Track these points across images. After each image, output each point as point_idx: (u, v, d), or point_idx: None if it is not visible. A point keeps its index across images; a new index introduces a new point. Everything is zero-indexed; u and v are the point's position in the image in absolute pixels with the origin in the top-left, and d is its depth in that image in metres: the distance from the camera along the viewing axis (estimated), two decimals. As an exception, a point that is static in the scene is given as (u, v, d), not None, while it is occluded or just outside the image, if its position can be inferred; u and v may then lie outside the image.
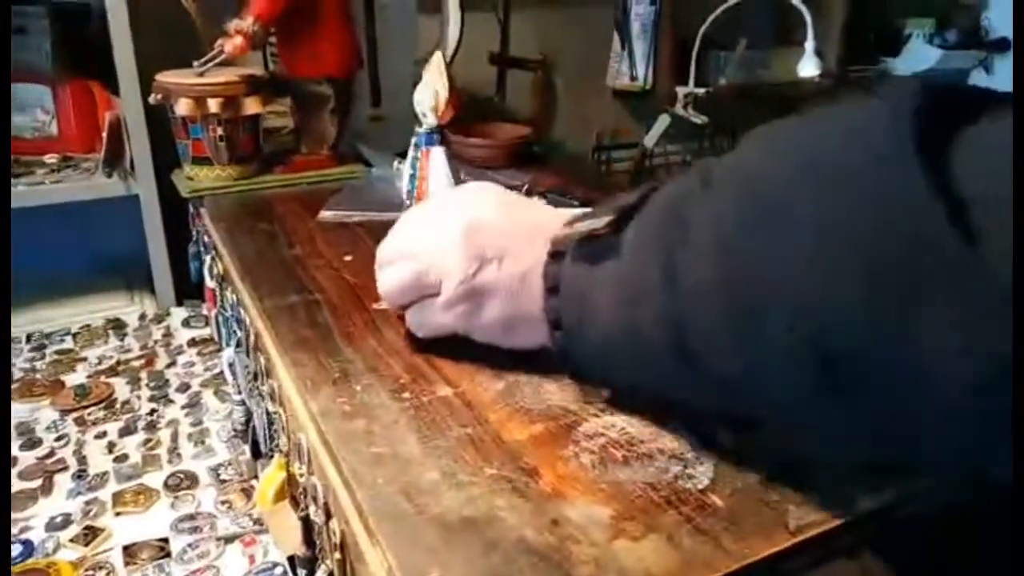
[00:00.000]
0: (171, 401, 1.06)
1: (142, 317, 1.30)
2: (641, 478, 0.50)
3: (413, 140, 0.92)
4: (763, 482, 0.49)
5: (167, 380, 1.11)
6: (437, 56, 0.89)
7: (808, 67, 1.73)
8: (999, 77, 2.33)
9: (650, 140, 2.03)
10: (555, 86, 2.06)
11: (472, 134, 1.36)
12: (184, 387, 1.09)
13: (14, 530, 0.80)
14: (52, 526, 0.81)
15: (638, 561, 0.43)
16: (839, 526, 0.45)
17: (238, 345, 0.86)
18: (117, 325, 1.27)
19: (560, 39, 2.01)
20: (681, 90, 1.95)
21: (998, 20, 2.33)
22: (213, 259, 1.00)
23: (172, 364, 1.15)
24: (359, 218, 1.02)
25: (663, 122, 1.98)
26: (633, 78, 2.00)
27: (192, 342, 1.22)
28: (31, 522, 0.82)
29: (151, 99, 1.14)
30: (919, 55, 2.29)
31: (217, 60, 1.12)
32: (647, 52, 1.96)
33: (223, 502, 0.85)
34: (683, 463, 0.51)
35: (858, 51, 2.24)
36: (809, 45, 1.72)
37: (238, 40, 1.10)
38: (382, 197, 1.08)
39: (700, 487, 0.49)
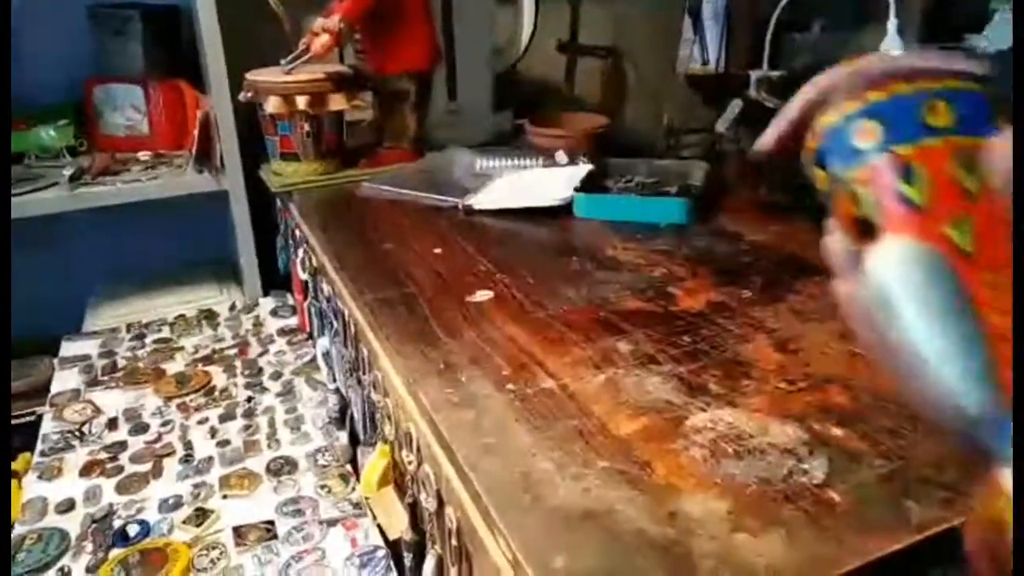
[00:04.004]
0: (266, 388, 1.10)
1: (232, 308, 1.36)
2: (755, 472, 0.50)
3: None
4: (880, 478, 0.49)
5: (260, 368, 1.15)
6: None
7: (891, 47, 1.67)
8: (1094, 51, 2.20)
9: (722, 125, 2.00)
10: (625, 73, 2.05)
11: (547, 124, 1.37)
12: (277, 375, 1.13)
13: (131, 511, 0.85)
14: (165, 507, 0.86)
15: (760, 556, 0.43)
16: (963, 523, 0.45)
17: (335, 335, 0.89)
18: (209, 315, 1.33)
19: (629, 26, 1.99)
20: (754, 74, 1.90)
21: (1093, -9, 2.21)
22: (306, 252, 1.03)
23: (264, 352, 1.20)
24: (394, 196, 1.09)
25: (735, 107, 1.94)
26: (705, 63, 1.96)
27: (281, 331, 1.26)
28: (145, 503, 0.87)
29: (241, 97, 1.18)
30: (1005, 32, 2.18)
31: (304, 59, 1.15)
32: (719, 36, 1.92)
33: (322, 486, 0.88)
34: (796, 457, 0.51)
35: (942, 28, 2.14)
36: (892, 24, 1.66)
37: (325, 39, 1.12)
38: (431, 180, 1.12)
39: (816, 482, 0.49)
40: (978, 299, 0.23)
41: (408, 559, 0.67)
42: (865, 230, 0.26)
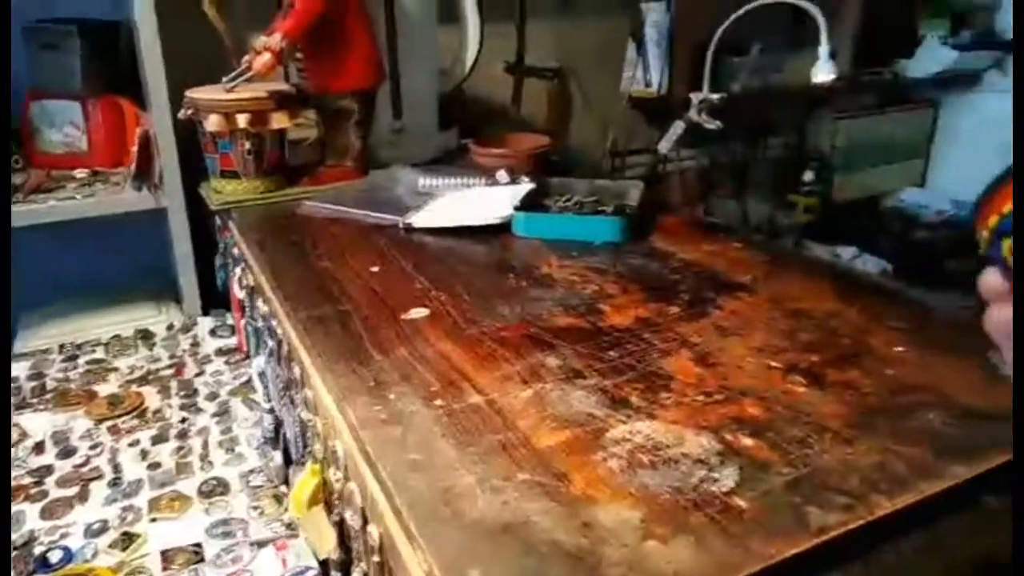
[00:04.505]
0: (200, 409, 1.08)
1: (170, 327, 1.33)
2: (668, 482, 0.52)
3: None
4: (786, 485, 0.51)
5: (196, 389, 1.13)
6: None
7: (822, 72, 1.74)
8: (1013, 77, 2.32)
9: (664, 146, 2.04)
10: (571, 94, 2.08)
11: (492, 144, 1.38)
12: (213, 395, 1.12)
13: (54, 536, 0.83)
14: (90, 532, 0.84)
15: (668, 563, 0.44)
16: (860, 527, 0.47)
17: (269, 354, 0.89)
18: (146, 335, 1.30)
19: (576, 48, 2.03)
20: (695, 96, 1.96)
21: (1012, 20, 2.33)
22: (243, 270, 1.03)
23: (200, 373, 1.18)
24: (335, 214, 1.10)
25: (677, 128, 1.99)
26: (648, 84, 2.01)
27: (219, 351, 1.25)
28: (70, 528, 0.85)
29: (181, 114, 1.17)
30: (934, 56, 2.29)
31: (245, 77, 1.15)
32: (662, 59, 1.97)
33: (255, 507, 0.87)
34: (707, 467, 0.53)
35: (872, 53, 2.24)
36: (823, 50, 1.73)
37: (266, 57, 1.13)
38: (373, 198, 1.13)
39: (725, 490, 0.50)
40: None
41: (335, 577, 0.66)
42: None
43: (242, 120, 1.13)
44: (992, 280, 0.36)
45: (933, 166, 2.64)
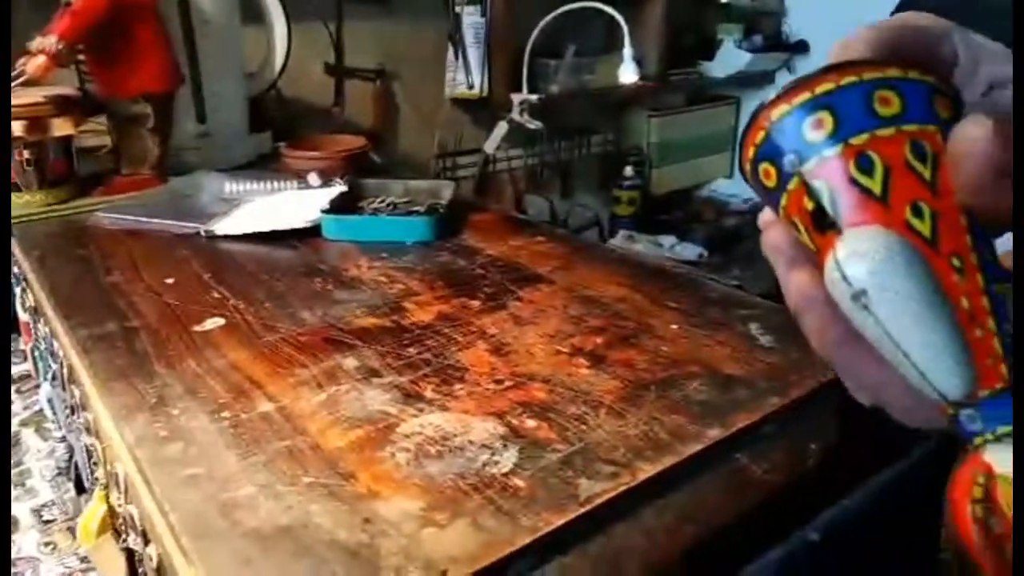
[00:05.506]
0: (-14, 445, 0.99)
1: (-50, 358, 1.20)
2: (452, 469, 0.53)
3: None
4: (560, 461, 0.54)
5: (-19, 423, 1.03)
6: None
7: (627, 73, 1.85)
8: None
9: (490, 146, 2.10)
10: (395, 96, 2.08)
11: (307, 147, 1.36)
12: (1, 429, 1.02)
13: None
14: None
15: (443, 547, 0.46)
16: (623, 492, 0.51)
17: (52, 378, 0.82)
18: (-81, 369, 1.17)
19: (398, 49, 2.03)
20: (516, 97, 2.02)
21: (797, 25, 2.59)
22: (23, 290, 0.95)
23: (-14, 406, 1.07)
24: (132, 225, 1.05)
25: (501, 128, 2.05)
26: (470, 87, 2.05)
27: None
28: None
29: (-58, 123, 1.05)
30: (731, 58, 2.50)
31: (19, 81, 1.05)
32: (481, 61, 2.02)
33: (47, 543, 0.81)
34: (491, 451, 0.55)
35: (677, 56, 2.41)
36: (627, 52, 1.84)
37: (40, 60, 1.04)
38: (174, 207, 1.09)
39: (504, 471, 0.53)
40: (947, 283, 0.22)
41: (129, 607, 0.63)
42: (820, 226, 0.25)
43: (17, 128, 1.04)
44: (774, 237, 0.29)
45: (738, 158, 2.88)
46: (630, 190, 2.52)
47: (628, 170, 2.49)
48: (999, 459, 0.21)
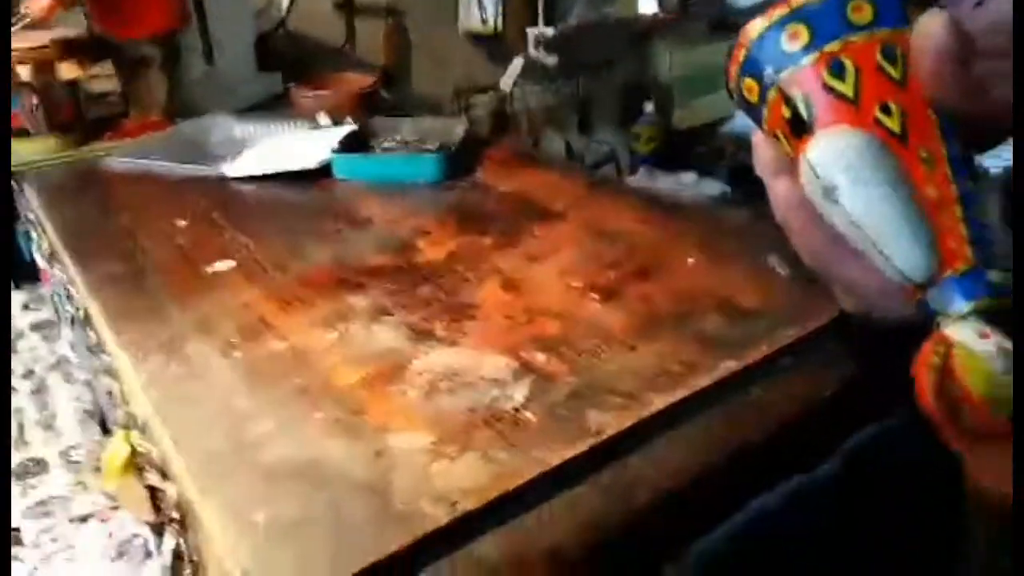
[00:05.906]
0: (15, 389, 1.01)
1: (-24, 305, 1.22)
2: (463, 404, 0.53)
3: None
4: (570, 394, 0.53)
5: (11, 367, 1.05)
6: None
7: (648, 3, 1.78)
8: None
9: (506, 83, 2.05)
10: (407, 32, 2.03)
11: (317, 86, 1.33)
12: (29, 373, 1.04)
13: None
14: None
15: (453, 480, 0.46)
16: (634, 424, 0.50)
17: (71, 322, 0.83)
18: (-53, 316, 1.19)
19: (408, -17, 1.97)
20: (531, 31, 1.96)
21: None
22: (40, 235, 0.95)
23: (14, 351, 1.09)
24: (142, 169, 1.03)
25: (517, 65, 2.00)
26: (484, 21, 1.99)
27: (35, 326, 1.16)
28: None
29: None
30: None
31: (22, 24, 1.04)
32: (495, -6, 1.95)
33: (77, 483, 0.83)
34: (501, 386, 0.55)
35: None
36: (647, -19, 1.77)
37: (44, 1, 1.02)
38: (184, 149, 1.07)
39: (514, 405, 0.52)
40: (915, 174, 0.24)
41: (154, 541, 0.65)
42: (797, 132, 0.26)
43: (24, 72, 1.03)
44: (762, 154, 0.29)
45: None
46: (650, 126, 2.46)
47: (648, 105, 2.43)
48: (957, 332, 0.23)
